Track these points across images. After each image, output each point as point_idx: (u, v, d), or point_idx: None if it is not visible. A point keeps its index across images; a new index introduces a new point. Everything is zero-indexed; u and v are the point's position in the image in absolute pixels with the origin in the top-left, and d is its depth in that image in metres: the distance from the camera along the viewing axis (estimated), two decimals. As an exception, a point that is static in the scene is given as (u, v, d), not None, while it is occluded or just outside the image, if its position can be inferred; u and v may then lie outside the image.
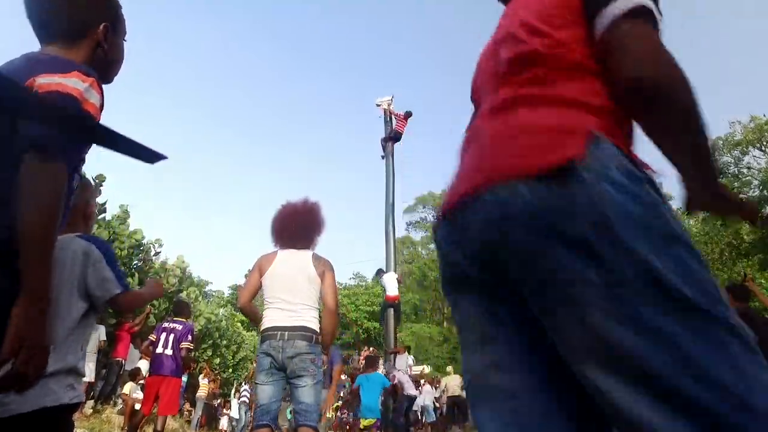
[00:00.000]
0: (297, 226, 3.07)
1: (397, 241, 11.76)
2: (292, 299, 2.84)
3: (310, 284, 2.90)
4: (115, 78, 1.15)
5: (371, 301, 34.27)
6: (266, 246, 3.17)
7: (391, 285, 9.76)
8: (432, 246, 40.38)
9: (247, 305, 2.98)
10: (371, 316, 33.27)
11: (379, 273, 10.77)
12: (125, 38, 1.15)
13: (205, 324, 13.08)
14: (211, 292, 39.31)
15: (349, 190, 77.29)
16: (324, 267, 2.95)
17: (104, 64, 1.09)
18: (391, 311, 9.76)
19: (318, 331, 2.84)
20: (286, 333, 2.75)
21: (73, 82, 0.89)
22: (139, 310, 9.17)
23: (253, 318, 3.06)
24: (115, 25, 1.10)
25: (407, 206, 42.38)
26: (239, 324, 20.22)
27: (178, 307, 5.76)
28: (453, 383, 12.02)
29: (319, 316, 2.95)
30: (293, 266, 2.93)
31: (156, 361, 5.18)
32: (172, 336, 5.19)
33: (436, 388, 12.97)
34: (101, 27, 1.05)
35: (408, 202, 42.79)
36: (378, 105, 12.56)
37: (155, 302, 10.46)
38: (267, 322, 2.85)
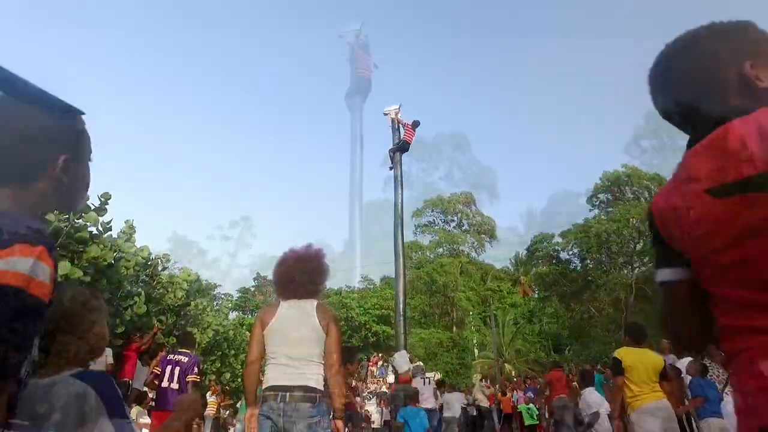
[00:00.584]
0: (300, 274, 2.94)
1: (405, 246, 11.64)
2: (295, 354, 2.70)
3: (315, 337, 2.75)
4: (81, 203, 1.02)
5: (380, 304, 34.07)
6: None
7: (403, 366, 8.88)
8: (440, 250, 39.89)
9: (257, 363, 2.82)
10: (380, 320, 33.10)
11: (392, 355, 10.87)
12: (91, 158, 1.00)
13: (213, 336, 13.00)
14: (219, 295, 39.34)
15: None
16: (329, 319, 2.82)
17: (67, 196, 0.95)
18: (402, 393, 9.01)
19: (323, 389, 2.70)
20: (287, 394, 2.60)
21: (14, 264, 0.72)
22: (146, 328, 9.13)
23: (248, 389, 2.85)
24: (78, 153, 0.95)
25: (416, 210, 41.84)
26: (247, 332, 20.17)
27: (183, 337, 5.66)
28: (480, 395, 12.18)
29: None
30: (296, 318, 2.81)
31: (162, 396, 5.08)
32: (177, 369, 5.09)
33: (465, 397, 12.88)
34: (61, 160, 0.90)
35: (417, 206, 42.35)
36: (386, 114, 12.60)
37: (162, 317, 10.40)
38: (267, 380, 2.72)
